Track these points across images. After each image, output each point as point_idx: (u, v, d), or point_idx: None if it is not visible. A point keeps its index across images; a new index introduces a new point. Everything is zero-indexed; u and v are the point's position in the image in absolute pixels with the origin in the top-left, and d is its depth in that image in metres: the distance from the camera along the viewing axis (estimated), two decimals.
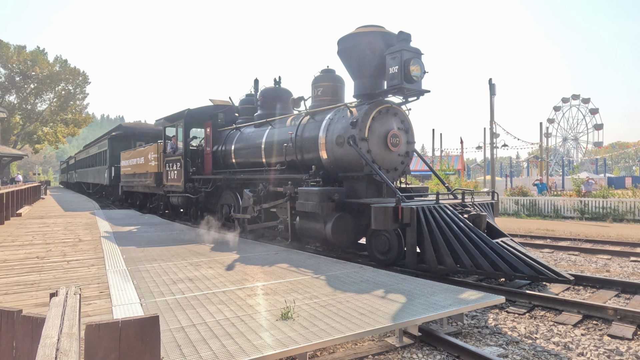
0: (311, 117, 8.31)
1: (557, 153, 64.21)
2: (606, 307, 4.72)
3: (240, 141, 10.44)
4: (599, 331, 4.39)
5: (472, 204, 6.79)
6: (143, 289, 4.53)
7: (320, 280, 4.93)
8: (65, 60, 47.07)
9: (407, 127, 7.75)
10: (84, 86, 48.39)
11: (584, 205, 16.32)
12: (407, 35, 7.04)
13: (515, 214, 17.77)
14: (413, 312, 3.71)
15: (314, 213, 6.88)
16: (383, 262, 6.57)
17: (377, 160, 7.20)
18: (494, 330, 4.36)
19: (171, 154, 12.81)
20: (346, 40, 7.61)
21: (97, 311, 3.81)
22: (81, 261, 6.13)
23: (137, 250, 7.03)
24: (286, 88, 10.51)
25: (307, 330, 3.29)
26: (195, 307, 3.91)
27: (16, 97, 45.67)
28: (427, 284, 4.72)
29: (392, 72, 6.97)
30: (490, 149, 20.72)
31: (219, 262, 6.05)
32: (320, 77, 8.64)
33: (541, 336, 4.20)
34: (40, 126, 47.59)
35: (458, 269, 5.74)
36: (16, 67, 43.32)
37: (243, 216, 9.52)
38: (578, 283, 6.16)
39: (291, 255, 6.67)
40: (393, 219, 5.90)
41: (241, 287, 4.63)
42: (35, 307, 3.90)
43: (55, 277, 5.11)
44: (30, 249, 7.10)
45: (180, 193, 12.19)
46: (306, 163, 8.19)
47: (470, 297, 4.19)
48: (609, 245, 9.80)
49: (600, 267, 7.58)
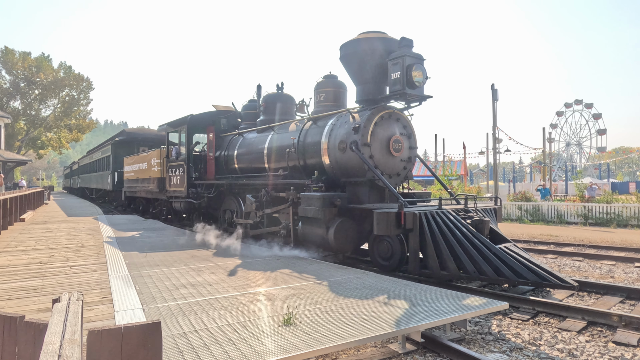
0: (314, 123, 8.33)
1: (560, 158, 64.03)
2: (611, 314, 4.68)
3: (242, 146, 10.47)
4: (604, 338, 4.35)
5: (475, 210, 6.77)
6: (145, 295, 4.53)
7: (322, 286, 4.92)
8: (69, 66, 47.51)
9: (409, 132, 7.75)
10: (87, 92, 48.75)
11: (588, 211, 16.25)
12: (409, 41, 7.07)
13: (518, 219, 17.70)
14: (416, 318, 3.69)
15: (316, 218, 6.88)
16: (386, 267, 6.55)
17: (380, 166, 7.20)
18: (498, 337, 4.33)
19: (174, 159, 12.85)
20: (348, 46, 7.64)
21: (100, 317, 3.81)
22: (84, 266, 6.14)
23: (139, 256, 7.04)
24: (289, 94, 10.55)
25: (309, 336, 3.27)
26: (198, 312, 3.90)
27: (21, 103, 46.05)
28: (430, 290, 4.70)
29: (394, 77, 6.99)
30: (493, 154, 20.71)
31: (221, 268, 6.05)
32: (323, 82, 8.67)
33: (545, 343, 4.17)
34: (44, 132, 47.92)
35: (461, 275, 5.71)
36: (21, 73, 43.72)
37: (245, 221, 9.53)
38: (582, 289, 6.12)
39: (293, 260, 6.67)
40: (396, 225, 5.89)
41: (243, 293, 4.62)
42: (37, 313, 3.91)
43: (58, 283, 5.11)
44: (33, 254, 7.12)
45: (182, 198, 12.21)
46: (309, 168, 8.20)
47: (474, 303, 4.17)
48: (613, 251, 9.74)
49: (604, 273, 7.53)
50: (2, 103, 43.58)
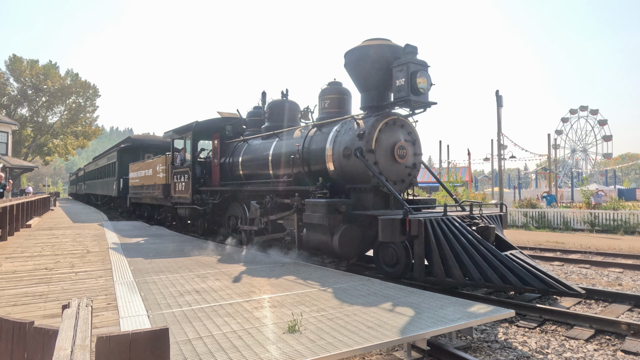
0: (318, 129, 8.36)
1: (566, 165, 63.68)
2: (619, 322, 4.63)
3: (247, 153, 10.51)
4: (612, 346, 4.30)
5: (481, 216, 6.74)
6: (150, 301, 4.54)
7: (327, 293, 4.91)
8: (76, 73, 48.05)
9: (414, 138, 7.76)
10: (94, 99, 49.24)
11: (594, 218, 16.13)
12: (413, 47, 7.10)
13: (524, 226, 17.59)
14: (421, 326, 3.67)
15: (321, 225, 6.88)
16: (391, 274, 6.52)
17: (384, 172, 7.20)
18: (504, 345, 4.29)
19: (179, 165, 12.92)
20: (353, 53, 7.69)
21: (105, 323, 3.82)
22: (89, 272, 6.17)
23: (144, 262, 7.06)
24: (293, 100, 10.60)
25: (314, 343, 3.26)
26: (202, 319, 3.91)
27: (28, 110, 46.56)
28: (436, 297, 4.67)
29: (398, 84, 7.01)
30: (498, 161, 20.64)
31: (226, 274, 6.05)
32: (327, 89, 8.72)
33: (553, 351, 4.13)
34: (51, 138, 48.39)
35: (467, 282, 5.68)
36: (28, 80, 44.27)
37: (250, 228, 9.54)
38: (589, 297, 6.06)
39: (298, 267, 6.66)
40: (401, 231, 5.88)
41: (248, 300, 4.62)
42: (44, 319, 3.92)
43: (64, 289, 5.14)
44: (39, 260, 7.16)
45: (187, 205, 12.25)
46: (313, 175, 8.21)
47: (480, 310, 4.14)
48: (621, 258, 9.65)
49: (612, 280, 7.46)
50: (10, 110, 44.09)
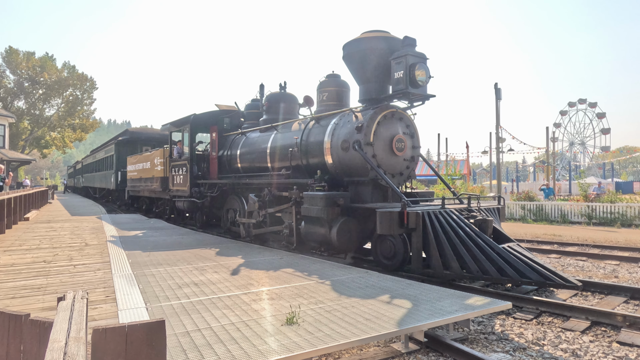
0: (316, 122, 8.33)
1: (564, 158, 63.77)
2: (615, 314, 4.66)
3: (245, 146, 10.48)
4: (608, 338, 4.33)
5: (478, 209, 6.75)
6: (149, 293, 4.54)
7: (325, 285, 4.92)
8: (73, 66, 47.65)
9: (412, 131, 7.74)
10: (91, 92, 48.90)
11: (592, 211, 16.18)
12: (412, 40, 7.05)
13: (521, 218, 17.65)
14: (419, 318, 3.68)
15: (319, 218, 6.88)
16: (388, 267, 6.54)
17: (383, 165, 7.19)
18: (501, 337, 4.32)
19: (177, 158, 12.88)
20: (351, 46, 7.64)
21: (103, 315, 3.83)
22: (87, 265, 6.17)
23: (142, 255, 7.06)
24: (291, 93, 10.55)
25: (312, 335, 3.28)
26: (201, 311, 3.91)
27: (25, 102, 46.25)
28: (433, 289, 4.69)
29: (397, 77, 6.98)
30: (496, 154, 20.65)
31: (224, 267, 6.06)
32: (326, 82, 8.67)
33: (549, 343, 4.16)
34: (48, 131, 48.12)
35: (464, 274, 5.70)
36: (25, 73, 43.91)
37: (248, 221, 9.54)
38: (586, 289, 6.09)
39: (296, 259, 6.67)
40: (399, 224, 5.89)
41: (246, 292, 4.63)
42: (42, 311, 3.93)
43: (62, 282, 5.14)
44: (37, 253, 7.16)
45: (186, 197, 12.24)
46: (311, 168, 8.20)
47: (477, 302, 4.16)
48: (617, 250, 9.69)
49: (608, 272, 7.50)
50: (7, 103, 43.81)
